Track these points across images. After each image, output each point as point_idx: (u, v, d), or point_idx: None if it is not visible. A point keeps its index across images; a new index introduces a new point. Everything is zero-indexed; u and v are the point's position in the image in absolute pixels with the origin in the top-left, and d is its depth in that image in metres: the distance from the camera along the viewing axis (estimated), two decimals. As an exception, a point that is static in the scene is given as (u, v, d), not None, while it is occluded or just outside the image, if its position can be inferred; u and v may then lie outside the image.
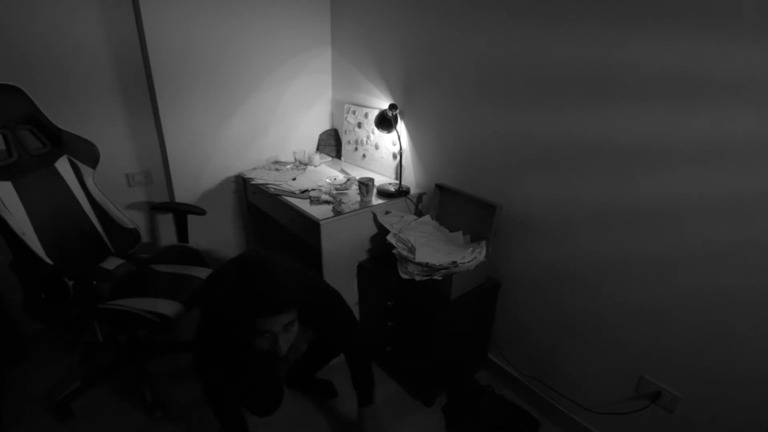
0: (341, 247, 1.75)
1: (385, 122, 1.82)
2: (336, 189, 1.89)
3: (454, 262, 1.50)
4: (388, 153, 2.07)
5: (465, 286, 1.59)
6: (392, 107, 1.79)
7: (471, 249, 1.59)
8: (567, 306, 1.52)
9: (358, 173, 2.14)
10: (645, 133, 1.18)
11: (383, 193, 1.89)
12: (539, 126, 1.44)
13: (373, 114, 1.98)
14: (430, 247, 1.62)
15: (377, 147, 2.12)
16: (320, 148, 2.48)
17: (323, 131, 2.49)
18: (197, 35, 1.89)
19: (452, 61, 1.67)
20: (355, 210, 1.74)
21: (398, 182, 1.90)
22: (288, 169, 2.18)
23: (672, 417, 1.31)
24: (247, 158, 2.25)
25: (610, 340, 1.42)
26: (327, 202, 1.78)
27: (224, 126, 2.11)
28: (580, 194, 1.38)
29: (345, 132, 2.32)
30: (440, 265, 1.50)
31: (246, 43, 2.04)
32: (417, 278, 1.55)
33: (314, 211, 1.71)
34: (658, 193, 1.19)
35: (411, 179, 2.04)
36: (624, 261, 1.31)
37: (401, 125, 1.96)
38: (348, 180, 2.00)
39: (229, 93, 2.07)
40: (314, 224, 1.65)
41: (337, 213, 1.70)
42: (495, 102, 1.56)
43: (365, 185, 1.78)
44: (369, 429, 1.46)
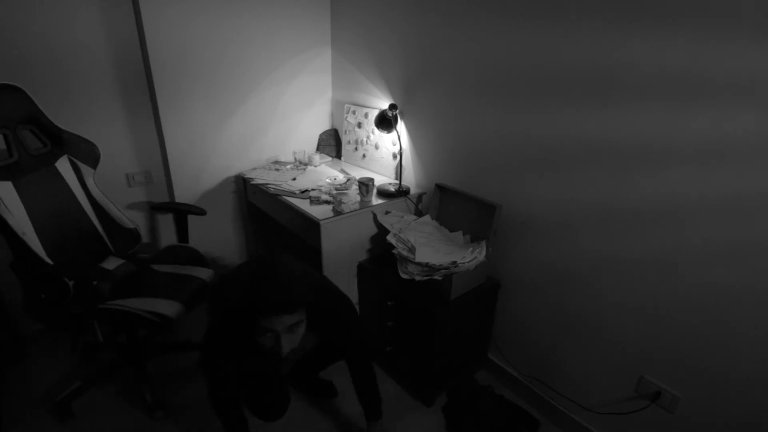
0: (341, 247, 1.75)
1: (385, 122, 1.82)
2: (336, 189, 1.89)
3: (454, 262, 1.50)
4: (388, 153, 2.07)
5: (465, 286, 1.59)
6: (392, 107, 1.79)
7: (471, 249, 1.59)
8: (567, 306, 1.52)
9: (358, 173, 2.14)
10: (645, 133, 1.18)
11: (383, 193, 1.89)
12: (539, 126, 1.44)
13: (373, 114, 1.98)
14: (430, 247, 1.62)
15: (377, 147, 2.12)
16: (320, 148, 2.48)
17: (323, 131, 2.49)
18: (197, 35, 1.89)
19: (452, 61, 1.67)
20: (355, 210, 1.74)
21: (398, 182, 1.90)
22: (288, 169, 2.18)
23: (672, 417, 1.31)
24: (247, 158, 2.25)
25: (610, 340, 1.42)
26: (327, 202, 1.78)
27: (224, 126, 2.11)
28: (580, 194, 1.38)
29: (345, 132, 2.32)
30: (440, 265, 1.50)
31: (246, 43, 2.05)
32: (417, 278, 1.55)
33: (314, 211, 1.71)
34: (658, 193, 1.19)
35: (411, 179, 2.04)
36: (624, 261, 1.31)
37: (401, 125, 1.96)
38: (348, 180, 2.00)
39: (229, 93, 2.08)
40: (314, 224, 1.65)
41: (337, 213, 1.70)
42: (495, 102, 1.56)
43: (365, 185, 1.79)
44: None
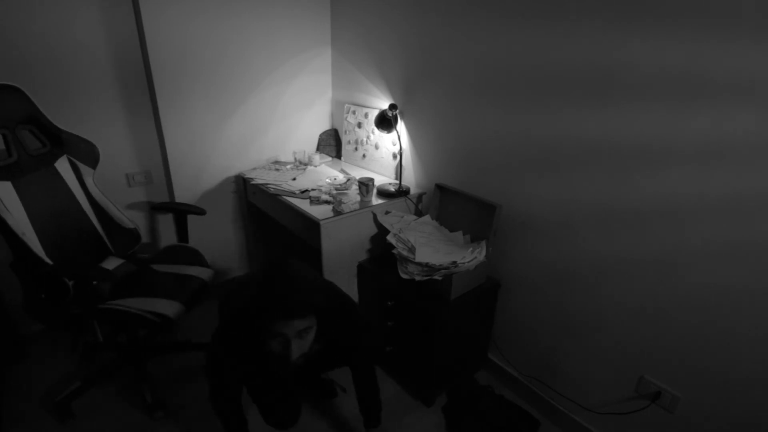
0: (341, 247, 1.75)
1: (385, 122, 1.82)
2: (336, 189, 1.89)
3: (454, 262, 1.50)
4: (388, 153, 2.07)
5: (465, 286, 1.59)
6: (392, 107, 1.79)
7: (471, 249, 1.59)
8: (567, 306, 1.52)
9: (358, 173, 2.14)
10: (645, 133, 1.18)
11: (383, 193, 1.89)
12: (539, 126, 1.44)
13: (373, 114, 1.98)
14: (430, 247, 1.62)
15: (377, 147, 2.12)
16: (320, 148, 2.48)
17: (323, 131, 2.49)
18: (197, 35, 1.89)
19: (452, 61, 1.67)
20: (355, 210, 1.74)
21: (398, 182, 1.90)
22: (288, 169, 2.18)
23: (672, 417, 1.31)
24: (247, 158, 2.25)
25: (610, 340, 1.42)
26: (327, 202, 1.78)
27: (224, 126, 2.11)
28: (580, 194, 1.38)
29: (345, 132, 2.32)
30: (440, 265, 1.50)
31: (246, 43, 2.04)
32: (417, 278, 1.55)
33: (314, 211, 1.71)
34: (658, 193, 1.19)
35: (411, 179, 2.04)
36: (624, 261, 1.31)
37: (401, 125, 1.96)
38: (348, 180, 2.00)
39: (229, 93, 2.08)
40: (314, 224, 1.65)
41: (337, 213, 1.70)
42: (495, 102, 1.56)
43: (365, 185, 1.78)
44: None
